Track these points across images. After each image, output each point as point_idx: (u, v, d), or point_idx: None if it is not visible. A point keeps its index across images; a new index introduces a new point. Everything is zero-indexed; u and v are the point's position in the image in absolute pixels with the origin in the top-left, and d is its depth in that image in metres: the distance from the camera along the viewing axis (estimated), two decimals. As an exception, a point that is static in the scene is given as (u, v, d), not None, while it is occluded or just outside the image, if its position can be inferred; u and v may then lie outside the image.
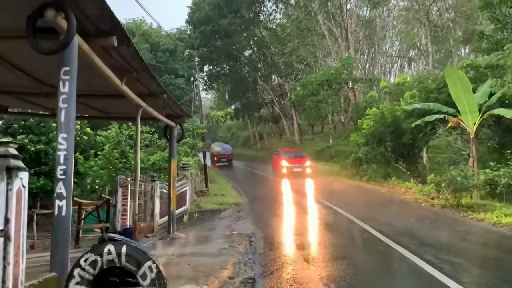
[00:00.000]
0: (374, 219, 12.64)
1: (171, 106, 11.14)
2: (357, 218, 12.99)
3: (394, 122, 26.17)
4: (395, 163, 27.72)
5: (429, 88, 24.60)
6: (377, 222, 12.13)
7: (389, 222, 12.15)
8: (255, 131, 72.79)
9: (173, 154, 12.47)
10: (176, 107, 11.41)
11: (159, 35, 41.50)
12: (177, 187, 16.93)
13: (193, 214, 17.51)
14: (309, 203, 18.73)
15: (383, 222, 12.07)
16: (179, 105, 11.39)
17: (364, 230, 11.15)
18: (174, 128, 12.39)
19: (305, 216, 15.65)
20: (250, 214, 15.95)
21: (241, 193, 23.37)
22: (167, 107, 10.79)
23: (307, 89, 36.01)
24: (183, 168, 17.94)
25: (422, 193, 18.96)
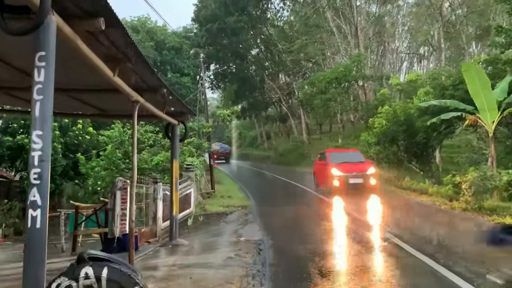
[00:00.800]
0: (392, 224, 11.73)
1: (172, 103, 10.29)
2: (373, 221, 12.10)
3: (407, 120, 25.22)
4: (408, 163, 26.75)
5: (444, 85, 23.61)
6: (396, 227, 11.21)
7: (409, 228, 11.24)
8: (262, 131, 71.92)
9: (175, 154, 11.61)
10: (178, 103, 10.56)
11: (165, 32, 40.74)
12: (181, 189, 16.11)
13: (198, 217, 16.65)
14: (315, 200, 17.85)
15: (403, 228, 11.15)
16: (182, 101, 10.52)
17: (383, 236, 10.25)
18: (177, 126, 11.54)
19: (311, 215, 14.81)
20: (258, 218, 15.07)
21: (248, 195, 22.50)
22: (167, 103, 9.93)
23: (316, 87, 35.05)
24: (188, 169, 17.10)
25: (439, 195, 18.05)
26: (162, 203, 15.22)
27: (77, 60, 5.90)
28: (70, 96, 9.18)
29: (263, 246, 9.77)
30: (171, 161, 11.68)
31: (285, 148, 52.02)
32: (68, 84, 8.01)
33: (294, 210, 16.57)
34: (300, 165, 43.28)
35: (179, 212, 16.23)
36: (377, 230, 10.82)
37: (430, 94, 24.38)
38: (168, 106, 10.16)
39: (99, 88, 8.24)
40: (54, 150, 23.83)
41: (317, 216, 15.07)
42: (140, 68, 7.26)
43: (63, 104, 10.54)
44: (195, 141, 21.15)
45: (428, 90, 24.85)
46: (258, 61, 57.51)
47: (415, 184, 23.78)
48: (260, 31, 53.21)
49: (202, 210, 17.45)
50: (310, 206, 17.99)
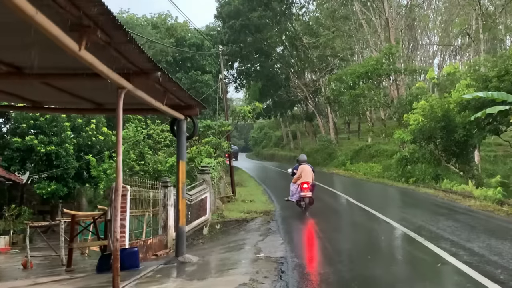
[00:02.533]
0: (443, 238, 9.69)
1: (175, 92, 8.53)
2: (419, 235, 10.06)
3: (445, 116, 23.05)
4: (446, 163, 24.49)
5: (488, 76, 21.26)
6: (449, 242, 9.18)
7: (465, 242, 9.17)
8: (288, 131, 70.19)
9: (182, 155, 9.84)
10: (182, 93, 8.79)
11: (185, 29, 39.24)
12: (195, 194, 14.43)
13: (215, 225, 14.90)
14: (352, 211, 15.83)
15: (458, 243, 9.10)
16: (186, 90, 8.73)
17: (435, 254, 8.24)
18: (183, 121, 9.76)
19: (349, 229, 12.80)
20: (282, 227, 13.18)
21: (272, 199, 20.64)
22: (169, 92, 8.17)
23: (344, 82, 32.90)
24: (203, 172, 15.34)
25: (487, 199, 15.86)
26: (174, 210, 13.53)
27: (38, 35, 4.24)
28: (46, 84, 7.50)
29: (286, 266, 7.89)
30: (177, 162, 9.92)
31: (312, 148, 49.99)
32: (35, 67, 6.29)
33: (322, 217, 14.63)
34: (328, 165, 41.25)
35: (193, 220, 14.55)
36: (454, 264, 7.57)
37: (473, 87, 22.03)
38: (170, 96, 8.41)
39: (75, 72, 6.53)
40: (66, 151, 22.58)
41: (353, 227, 13.09)
42: (119, 42, 5.50)
43: (47, 96, 8.92)
44: (214, 141, 19.42)
45: (470, 83, 22.49)
46: (283, 59, 55.65)
47: (456, 186, 21.63)
48: (285, 27, 51.32)
49: (219, 217, 15.67)
50: (340, 213, 15.99)
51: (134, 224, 13.04)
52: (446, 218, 12.46)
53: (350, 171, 34.41)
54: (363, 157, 37.82)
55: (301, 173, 15.22)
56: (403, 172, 26.74)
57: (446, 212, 13.57)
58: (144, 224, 14.34)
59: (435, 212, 13.65)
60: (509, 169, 24.80)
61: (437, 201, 16.51)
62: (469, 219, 12.22)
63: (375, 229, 11.74)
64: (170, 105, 8.93)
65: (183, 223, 9.85)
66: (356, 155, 39.45)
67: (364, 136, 49.21)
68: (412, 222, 12.03)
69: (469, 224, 11.36)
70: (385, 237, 10.53)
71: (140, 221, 14.58)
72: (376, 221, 12.84)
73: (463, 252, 8.22)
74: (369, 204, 15.91)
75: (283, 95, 55.64)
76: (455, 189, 20.91)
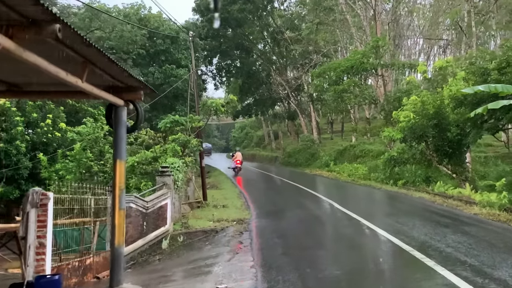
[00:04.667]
0: (459, 261, 7.55)
1: (106, 67, 6.17)
2: (425, 255, 7.90)
3: (438, 113, 21.05)
4: (438, 164, 22.51)
5: (486, 69, 19.31)
6: (469, 268, 7.03)
7: (491, 268, 7.02)
8: (269, 130, 68.14)
9: (120, 152, 7.48)
10: (115, 69, 6.39)
11: (159, 20, 36.64)
12: (152, 201, 12.06)
13: (178, 237, 12.53)
14: (338, 220, 13.61)
15: (481, 269, 6.95)
16: (116, 63, 6.32)
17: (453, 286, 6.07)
18: (122, 108, 7.39)
19: (336, 246, 10.56)
20: (255, 241, 10.89)
21: (249, 204, 18.34)
22: (90, 64, 5.80)
23: (328, 77, 30.74)
24: (163, 174, 12.93)
25: (493, 206, 13.84)
26: (126, 220, 11.16)
27: None
28: None
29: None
30: (113, 162, 7.57)
31: (294, 148, 47.85)
32: None
33: (305, 227, 12.41)
34: (310, 166, 39.17)
35: (150, 231, 12.19)
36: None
37: (469, 80, 20.07)
38: (96, 70, 6.04)
39: None
40: (17, 149, 19.89)
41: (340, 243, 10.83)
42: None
43: None
44: (182, 138, 17.04)
45: (466, 76, 20.55)
46: (265, 55, 53.45)
47: (451, 190, 19.69)
48: (267, 22, 49.12)
49: (183, 226, 13.28)
50: (324, 223, 13.76)
51: (76, 237, 10.60)
52: (452, 230, 10.31)
53: (334, 172, 32.35)
54: (347, 158, 35.88)
55: (236, 155, 34.26)
56: (391, 173, 24.78)
57: (450, 223, 11.43)
58: (93, 237, 12.02)
59: (438, 223, 11.50)
60: (502, 171, 22.95)
61: (435, 208, 14.39)
62: (481, 232, 10.08)
63: (368, 246, 9.55)
64: (100, 85, 6.59)
65: (120, 242, 7.51)
66: (340, 156, 37.47)
67: (348, 136, 47.40)
68: (412, 236, 9.86)
69: (484, 240, 9.22)
70: (384, 259, 8.28)
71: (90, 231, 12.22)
72: (368, 234, 10.65)
73: (494, 287, 6.03)
74: (357, 211, 13.73)
75: (265, 93, 53.39)
76: (450, 193, 19.00)
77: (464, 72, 21.50)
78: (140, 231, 11.71)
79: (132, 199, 11.44)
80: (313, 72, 33.66)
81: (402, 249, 8.66)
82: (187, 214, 15.34)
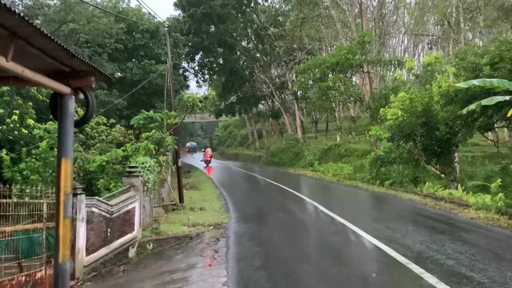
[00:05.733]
0: (465, 277, 6.54)
1: (41, 44, 4.95)
2: (425, 269, 6.88)
3: (426, 111, 20.16)
4: (426, 164, 21.61)
5: (478, 64, 18.44)
6: (479, 286, 5.98)
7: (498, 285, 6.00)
8: (253, 129, 67.07)
9: (66, 149, 6.21)
10: (52, 46, 5.17)
11: (138, 14, 35.24)
12: (118, 204, 10.85)
13: (147, 245, 11.30)
14: (323, 225, 12.52)
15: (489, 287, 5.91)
16: (61, 44, 5.08)
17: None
18: (68, 97, 6.15)
19: (321, 256, 9.45)
20: (232, 250, 9.74)
21: (228, 206, 17.17)
22: (17, 38, 4.59)
23: (313, 74, 29.66)
24: (130, 174, 11.68)
25: (488, 209, 12.89)
26: (86, 226, 9.94)
27: None
28: None
29: None
30: (58, 161, 6.32)
31: (278, 147, 46.77)
32: None
33: (287, 233, 11.29)
34: (294, 166, 38.14)
35: (115, 239, 10.96)
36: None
37: (460, 76, 19.19)
38: (27, 48, 4.83)
39: None
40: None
41: (325, 253, 9.72)
42: None
43: None
44: (156, 136, 15.78)
45: (457, 72, 19.68)
46: (248, 52, 52.24)
47: (441, 191, 18.82)
48: (250, 18, 47.93)
49: (154, 232, 12.04)
50: (308, 228, 12.65)
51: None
52: (450, 238, 9.29)
53: (319, 172, 31.35)
54: (332, 157, 34.93)
55: (206, 150, 46.81)
56: (378, 173, 23.86)
57: (447, 229, 10.42)
58: (41, 247, 10.80)
59: (433, 228, 10.46)
60: (490, 171, 22.13)
61: (428, 212, 13.38)
62: (483, 240, 9.08)
63: (358, 258, 8.45)
64: (40, 69, 5.37)
65: (65, 257, 6.25)
66: (324, 155, 36.50)
67: (332, 135, 46.54)
68: (406, 245, 8.81)
69: (488, 250, 8.19)
70: (377, 274, 7.17)
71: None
72: (357, 242, 9.57)
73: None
74: (345, 215, 12.67)
75: (248, 91, 52.18)
76: (440, 194, 18.13)
77: (455, 67, 20.67)
78: (103, 238, 10.49)
79: (94, 202, 10.21)
80: (297, 68, 32.53)
81: (397, 261, 7.59)
82: (160, 218, 14.11)
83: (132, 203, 11.24)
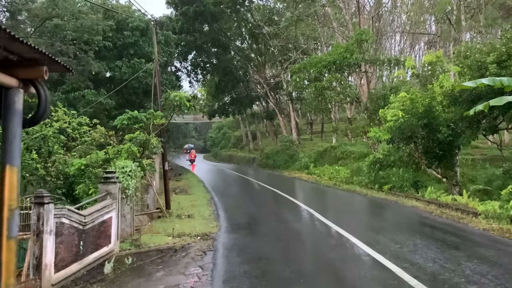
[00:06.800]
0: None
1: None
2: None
3: (427, 112, 19.11)
4: (427, 168, 20.58)
5: (483, 62, 17.40)
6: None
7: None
8: (247, 131, 65.97)
9: (11, 155, 5.05)
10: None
11: (128, 10, 34.05)
12: (92, 214, 9.71)
13: (125, 259, 10.15)
14: (321, 237, 11.40)
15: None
16: (3, 28, 3.93)
17: None
18: (14, 91, 5.01)
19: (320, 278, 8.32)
20: (219, 267, 8.61)
21: (218, 213, 16.02)
22: None
23: (308, 73, 28.54)
24: (107, 181, 10.52)
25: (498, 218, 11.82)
26: (55, 239, 8.80)
27: None
28: None
29: None
30: (1, 169, 5.17)
31: (272, 149, 45.66)
32: None
33: (281, 247, 10.17)
34: (289, 168, 37.05)
35: (88, 253, 9.81)
36: None
37: (466, 75, 18.15)
38: None
39: None
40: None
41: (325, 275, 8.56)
42: None
43: None
44: (140, 137, 14.61)
45: (462, 71, 18.66)
46: (242, 52, 51.10)
47: (444, 197, 17.83)
48: (244, 17, 46.81)
49: (134, 245, 10.86)
50: (304, 241, 11.50)
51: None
52: (466, 254, 8.20)
53: (314, 175, 30.27)
54: (327, 160, 33.90)
55: (191, 151, 53.74)
56: (376, 177, 22.83)
57: (460, 243, 9.33)
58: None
59: (444, 242, 9.36)
60: (491, 175, 21.13)
61: (434, 221, 12.28)
62: (504, 257, 7.98)
63: (364, 280, 7.30)
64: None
65: (9, 284, 5.11)
66: (320, 157, 35.46)
67: (328, 137, 45.56)
68: (417, 263, 7.71)
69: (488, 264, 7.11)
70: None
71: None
72: (361, 259, 8.44)
73: None
74: (344, 225, 11.57)
75: (242, 91, 51.06)
76: (443, 201, 17.10)
77: (458, 66, 19.65)
78: (75, 252, 9.33)
79: (64, 212, 9.04)
80: (293, 67, 31.41)
81: (410, 285, 6.49)
82: (143, 228, 12.93)
83: (109, 213, 10.09)
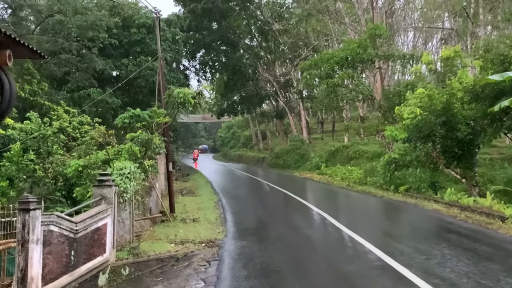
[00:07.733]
0: None
1: None
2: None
3: (446, 109, 18.02)
4: (446, 168, 19.50)
5: (507, 56, 16.32)
6: None
7: None
8: (257, 130, 65.06)
9: None
10: None
11: (134, 7, 33.31)
12: (85, 221, 8.85)
13: (122, 269, 9.27)
14: (337, 246, 10.44)
15: None
16: None
17: None
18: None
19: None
20: (224, 281, 7.69)
21: (225, 217, 15.11)
22: None
23: (320, 70, 27.53)
24: (101, 184, 9.63)
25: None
26: (43, 249, 7.94)
27: None
28: None
29: None
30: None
31: (283, 148, 44.70)
32: None
33: (292, 257, 9.23)
34: (299, 168, 36.08)
35: (81, 264, 8.93)
36: None
37: (488, 69, 17.05)
38: None
39: None
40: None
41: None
42: None
43: None
44: (142, 136, 13.74)
45: (484, 65, 17.56)
46: (252, 49, 50.21)
47: (465, 199, 16.82)
48: (254, 14, 45.92)
49: (131, 254, 9.97)
50: (317, 251, 10.51)
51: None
52: (503, 268, 7.21)
53: (326, 176, 29.28)
54: (339, 159, 32.87)
55: (194, 151, 58.32)
56: (392, 178, 21.80)
57: (493, 253, 8.32)
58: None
59: (475, 252, 8.36)
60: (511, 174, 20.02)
61: (460, 227, 11.24)
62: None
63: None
64: None
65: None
66: (331, 157, 34.42)
67: (339, 136, 44.46)
68: (448, 278, 6.74)
69: None
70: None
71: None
72: (383, 274, 7.45)
73: None
74: (361, 232, 10.59)
75: (251, 90, 50.16)
76: (464, 203, 16.09)
77: (480, 60, 18.55)
78: (65, 263, 8.47)
79: (53, 219, 8.17)
80: (303, 64, 30.40)
81: None
82: (144, 234, 12.05)
83: (103, 219, 9.22)
